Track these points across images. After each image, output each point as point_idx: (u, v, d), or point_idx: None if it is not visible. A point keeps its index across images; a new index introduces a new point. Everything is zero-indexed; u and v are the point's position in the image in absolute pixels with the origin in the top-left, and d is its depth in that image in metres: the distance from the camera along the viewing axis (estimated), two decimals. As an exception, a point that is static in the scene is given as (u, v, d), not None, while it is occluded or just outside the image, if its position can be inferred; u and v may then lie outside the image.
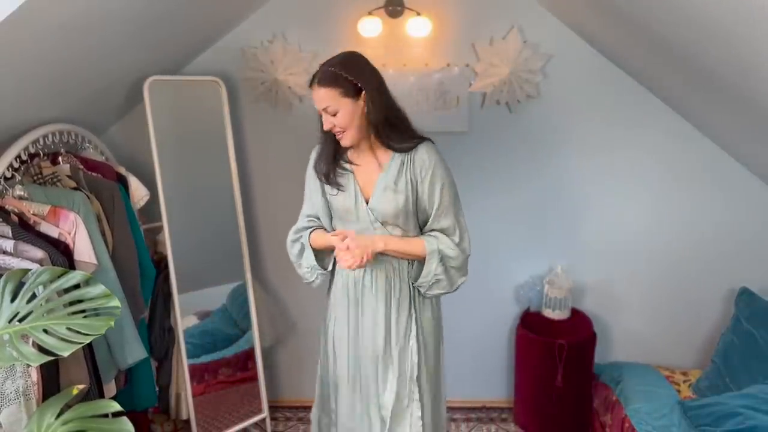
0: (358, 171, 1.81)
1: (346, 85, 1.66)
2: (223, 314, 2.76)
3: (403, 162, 1.75)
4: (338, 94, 1.66)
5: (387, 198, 1.75)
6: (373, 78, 1.71)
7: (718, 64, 1.87)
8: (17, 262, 1.67)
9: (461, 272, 1.82)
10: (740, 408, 2.13)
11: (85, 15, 1.65)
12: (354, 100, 1.67)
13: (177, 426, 2.74)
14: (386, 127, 1.73)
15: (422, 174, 1.74)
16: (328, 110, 1.68)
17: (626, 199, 2.77)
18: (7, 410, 1.56)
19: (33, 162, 2.09)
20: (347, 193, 1.80)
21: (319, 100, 1.69)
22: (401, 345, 1.84)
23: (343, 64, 1.68)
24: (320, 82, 1.67)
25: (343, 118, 1.68)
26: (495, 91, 2.65)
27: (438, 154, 1.77)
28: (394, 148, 1.75)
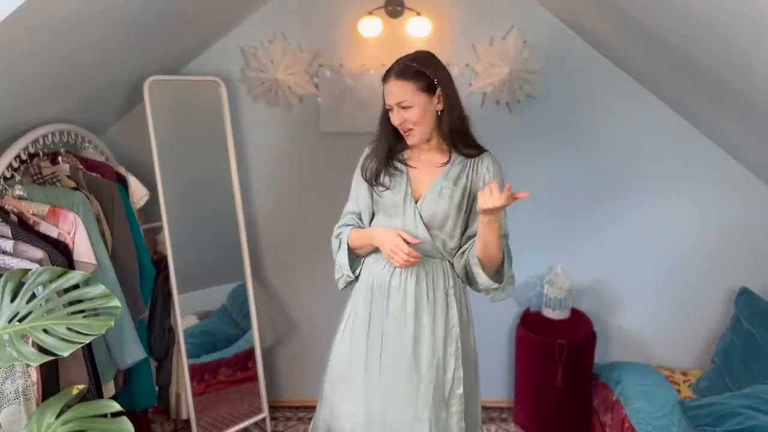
0: (413, 172, 1.79)
1: (422, 80, 1.65)
2: (223, 314, 2.76)
3: (464, 167, 1.75)
4: (415, 89, 1.65)
5: (439, 201, 1.73)
6: (448, 78, 1.71)
7: (717, 64, 1.87)
8: (17, 262, 1.67)
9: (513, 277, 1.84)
10: (740, 408, 2.13)
11: (85, 15, 1.65)
12: (429, 96, 1.67)
13: (177, 426, 2.74)
14: (457, 129, 1.72)
15: (486, 183, 1.72)
16: (403, 104, 1.67)
17: (626, 199, 2.76)
18: (7, 410, 1.56)
19: (33, 162, 2.09)
20: (398, 189, 1.77)
21: (393, 94, 1.67)
22: (439, 356, 1.74)
23: (421, 60, 1.69)
24: (397, 75, 1.67)
25: (417, 114, 1.67)
26: (495, 91, 2.65)
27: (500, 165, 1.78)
28: (460, 152, 1.75)
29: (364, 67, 2.65)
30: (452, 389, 1.77)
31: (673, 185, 2.73)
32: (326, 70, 2.66)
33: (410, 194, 1.76)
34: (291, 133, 2.77)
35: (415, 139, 1.72)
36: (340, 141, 2.76)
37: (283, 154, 2.80)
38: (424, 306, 1.75)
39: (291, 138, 2.77)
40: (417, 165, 1.79)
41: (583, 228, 2.82)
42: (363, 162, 1.86)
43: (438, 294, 1.76)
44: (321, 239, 2.56)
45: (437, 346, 1.75)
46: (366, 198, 1.85)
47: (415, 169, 1.79)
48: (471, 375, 1.86)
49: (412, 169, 1.79)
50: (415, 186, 1.78)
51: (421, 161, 1.79)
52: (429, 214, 1.74)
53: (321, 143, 2.77)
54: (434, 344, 1.75)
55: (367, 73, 2.65)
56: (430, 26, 2.55)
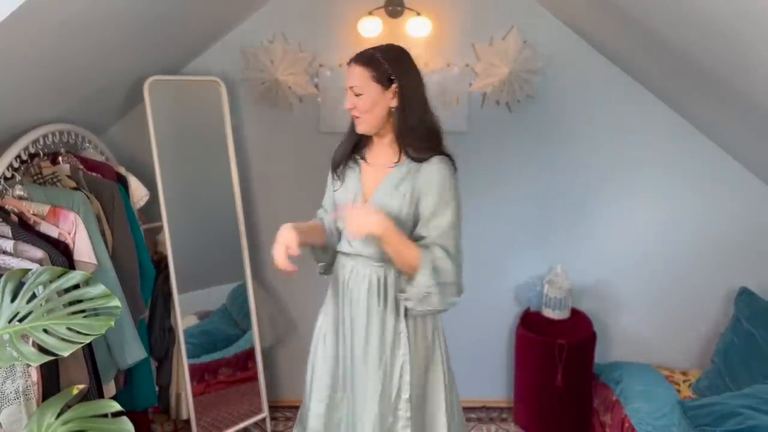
0: (366, 169, 1.75)
1: (380, 70, 1.62)
2: (223, 314, 2.76)
3: (409, 171, 1.67)
4: (369, 77, 1.63)
5: (385, 205, 1.67)
6: (412, 77, 1.66)
7: (717, 64, 1.87)
8: (17, 262, 1.67)
9: (455, 289, 1.68)
10: (740, 408, 2.13)
11: (85, 15, 1.65)
12: (383, 87, 1.63)
13: (177, 426, 2.74)
14: (408, 131, 1.66)
15: (429, 189, 1.64)
16: (354, 89, 1.65)
17: (626, 199, 2.77)
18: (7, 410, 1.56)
19: (33, 162, 2.09)
20: (348, 189, 1.76)
21: (349, 77, 1.66)
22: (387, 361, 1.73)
23: (385, 51, 1.66)
24: (357, 60, 1.66)
25: (366, 103, 1.64)
26: (495, 91, 2.65)
27: (450, 171, 1.67)
28: (408, 154, 1.67)
29: (364, 67, 2.64)
30: (399, 394, 1.75)
31: (672, 185, 2.73)
32: (326, 70, 2.66)
33: (360, 194, 1.73)
34: (291, 133, 2.77)
35: (361, 128, 1.69)
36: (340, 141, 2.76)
37: (283, 154, 2.80)
38: (375, 309, 1.73)
39: (291, 138, 2.77)
40: (372, 162, 1.75)
41: (583, 228, 2.82)
42: (334, 153, 1.84)
43: (389, 298, 1.73)
44: (321, 239, 2.56)
45: (385, 350, 1.74)
46: (329, 193, 1.85)
47: (370, 167, 1.75)
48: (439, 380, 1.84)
49: (367, 166, 1.75)
50: (367, 186, 1.74)
51: (376, 159, 1.75)
52: None
53: (321, 143, 2.77)
54: (382, 348, 1.74)
55: (367, 73, 2.64)
56: (430, 26, 2.55)
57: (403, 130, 1.66)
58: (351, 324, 1.77)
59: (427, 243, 1.64)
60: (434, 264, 1.61)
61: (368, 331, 1.74)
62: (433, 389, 1.83)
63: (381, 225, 1.57)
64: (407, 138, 1.67)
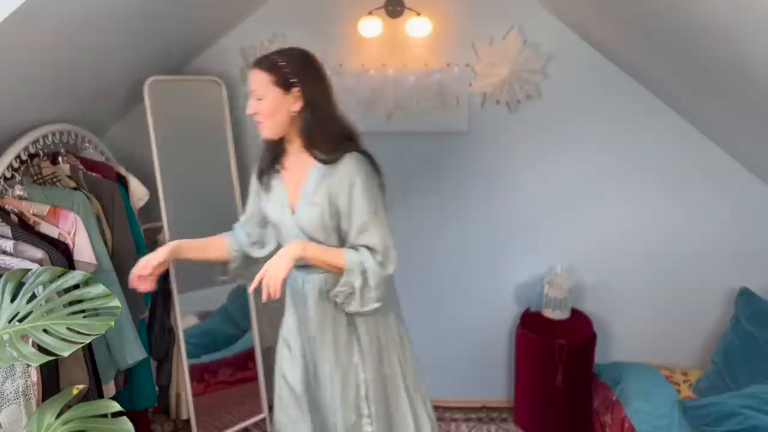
0: (288, 178, 1.74)
1: (280, 74, 1.60)
2: (223, 314, 2.76)
3: (323, 175, 1.66)
4: (269, 82, 1.61)
5: (308, 216, 1.67)
6: (314, 80, 1.64)
7: (717, 64, 1.87)
8: (17, 262, 1.67)
9: (378, 292, 1.66)
10: (740, 408, 2.13)
11: (85, 15, 1.65)
12: (284, 92, 1.61)
13: (177, 426, 2.74)
14: (314, 134, 1.65)
15: (341, 188, 1.64)
16: (255, 94, 1.63)
17: (626, 199, 2.76)
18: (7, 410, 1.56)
19: (33, 162, 2.09)
20: (276, 202, 1.74)
21: (251, 82, 1.64)
22: (343, 361, 1.77)
23: (287, 55, 1.64)
24: (257, 64, 1.63)
25: (266, 107, 1.62)
26: (495, 91, 2.65)
27: (363, 166, 1.66)
28: (317, 158, 1.67)
29: (364, 67, 2.65)
30: (357, 392, 1.78)
31: (672, 185, 2.73)
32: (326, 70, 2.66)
33: (287, 206, 1.72)
34: (291, 133, 2.77)
35: (265, 133, 1.67)
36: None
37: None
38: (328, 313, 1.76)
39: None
40: (291, 170, 1.74)
41: (583, 228, 2.82)
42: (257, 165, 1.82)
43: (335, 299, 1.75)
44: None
45: (340, 351, 1.78)
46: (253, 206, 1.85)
47: (291, 176, 1.73)
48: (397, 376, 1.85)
49: (288, 175, 1.74)
50: (291, 196, 1.73)
51: (293, 166, 1.73)
52: (303, 226, 1.69)
53: (321, 143, 2.77)
54: (337, 349, 1.78)
55: (367, 73, 2.65)
56: (430, 26, 2.55)
57: (308, 133, 1.66)
58: (307, 328, 1.81)
59: (353, 243, 1.67)
60: (361, 266, 1.63)
61: (324, 334, 1.78)
62: (394, 386, 1.86)
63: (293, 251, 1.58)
64: (314, 141, 1.67)
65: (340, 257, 1.64)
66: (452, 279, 2.92)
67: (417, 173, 2.81)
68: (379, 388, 1.82)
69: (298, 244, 1.61)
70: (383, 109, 2.68)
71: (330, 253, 1.65)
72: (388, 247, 1.67)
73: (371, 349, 1.80)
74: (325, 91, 1.67)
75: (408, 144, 2.76)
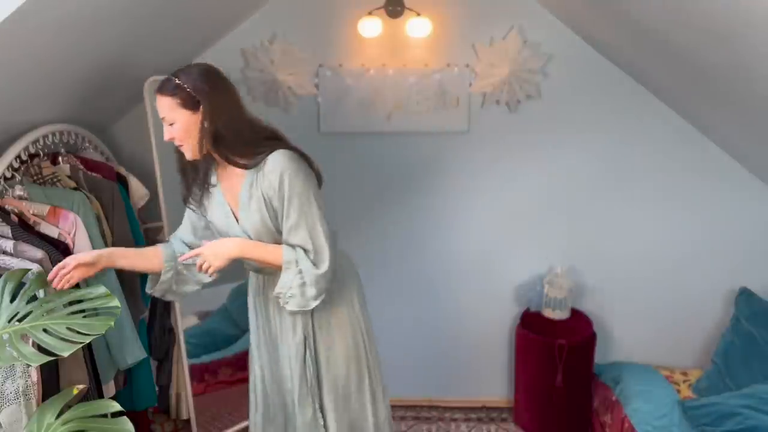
0: (225, 187, 1.75)
1: (183, 96, 1.60)
2: (223, 314, 2.76)
3: (253, 180, 1.67)
4: (175, 105, 1.60)
5: (251, 222, 1.69)
6: (217, 94, 1.63)
7: (717, 64, 1.87)
8: (17, 262, 1.67)
9: (316, 289, 1.67)
10: (740, 408, 2.13)
11: (85, 15, 1.65)
12: (192, 112, 1.61)
13: (177, 426, 2.74)
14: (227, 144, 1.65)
15: (272, 189, 1.64)
16: (165, 120, 1.63)
17: (626, 199, 2.76)
18: (7, 410, 1.56)
19: (33, 162, 2.09)
20: (220, 212, 1.75)
21: (158, 110, 1.64)
22: (300, 359, 1.81)
23: (186, 75, 1.62)
24: (159, 90, 1.62)
25: (180, 131, 1.62)
26: (495, 91, 2.65)
27: (289, 162, 1.64)
28: (239, 165, 1.67)
29: (364, 67, 2.65)
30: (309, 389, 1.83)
31: (672, 185, 2.73)
32: (326, 70, 2.66)
33: (231, 215, 1.74)
34: (291, 133, 2.74)
35: (188, 155, 1.67)
36: (340, 141, 2.76)
37: (283, 154, 2.79)
38: (285, 312, 1.79)
39: (291, 138, 2.76)
40: (226, 179, 1.74)
41: (583, 228, 2.82)
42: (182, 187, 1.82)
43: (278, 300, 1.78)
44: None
45: (299, 348, 1.81)
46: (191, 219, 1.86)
47: (228, 189, 1.75)
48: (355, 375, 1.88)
49: (225, 189, 1.75)
50: (231, 203, 1.74)
51: (228, 175, 1.74)
52: (251, 232, 1.70)
53: (321, 143, 2.77)
54: (297, 346, 1.81)
55: (367, 73, 2.65)
56: (430, 26, 2.55)
57: (222, 146, 1.66)
58: (270, 327, 1.87)
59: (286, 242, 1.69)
60: (297, 265, 1.65)
61: (284, 333, 1.83)
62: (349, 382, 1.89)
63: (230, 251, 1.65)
64: (230, 152, 1.67)
65: (277, 255, 1.67)
66: (452, 279, 2.91)
67: (417, 173, 2.81)
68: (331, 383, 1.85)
69: (235, 245, 1.67)
70: (383, 109, 2.69)
71: (268, 253, 1.68)
72: (319, 246, 1.66)
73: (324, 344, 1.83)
74: (231, 101, 1.66)
75: (408, 144, 2.76)
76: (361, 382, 1.89)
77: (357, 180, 2.82)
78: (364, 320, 1.91)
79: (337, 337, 1.84)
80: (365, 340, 1.90)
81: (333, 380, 1.85)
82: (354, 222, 2.87)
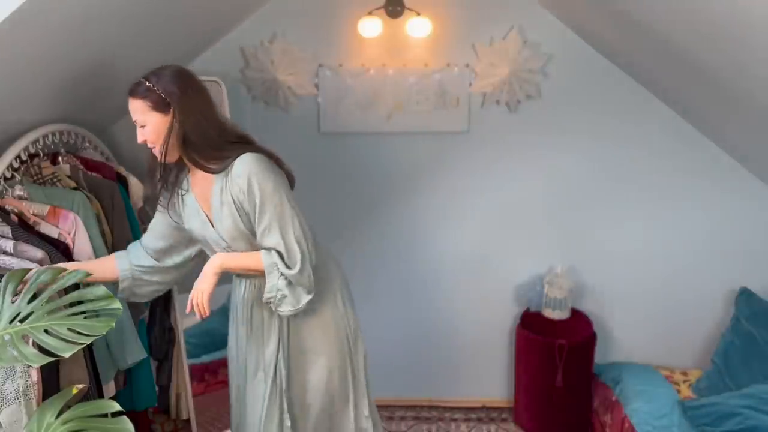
0: (198, 193, 1.74)
1: (155, 98, 1.60)
2: (222, 314, 2.76)
3: (222, 185, 1.66)
4: (146, 108, 1.61)
5: (224, 227, 1.69)
6: (188, 96, 1.62)
7: (717, 64, 1.87)
8: (17, 262, 1.67)
9: (302, 287, 1.69)
10: (740, 408, 2.13)
11: (85, 15, 1.65)
12: (163, 114, 1.61)
13: (177, 426, 2.74)
14: (196, 148, 1.64)
15: (242, 193, 1.63)
16: (138, 123, 1.63)
17: (626, 199, 2.77)
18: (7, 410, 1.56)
19: (33, 162, 2.08)
20: (196, 218, 1.74)
21: (131, 112, 1.64)
22: (272, 360, 1.82)
23: (157, 77, 1.62)
24: (131, 93, 1.62)
25: (151, 133, 1.63)
26: (495, 91, 2.65)
27: (256, 164, 1.63)
28: (208, 170, 1.66)
29: (364, 67, 2.65)
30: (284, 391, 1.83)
31: (672, 185, 2.73)
32: (326, 70, 2.66)
33: (206, 221, 1.73)
34: (291, 133, 2.77)
35: (160, 157, 1.66)
36: (340, 141, 2.76)
37: (282, 154, 2.77)
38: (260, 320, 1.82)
39: (291, 138, 2.77)
40: (199, 184, 1.74)
41: (583, 228, 2.82)
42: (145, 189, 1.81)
43: (266, 307, 1.78)
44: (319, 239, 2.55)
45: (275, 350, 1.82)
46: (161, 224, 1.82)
47: (199, 190, 1.74)
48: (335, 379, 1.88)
49: (197, 189, 1.74)
50: (205, 209, 1.73)
51: (199, 180, 1.73)
52: (227, 237, 1.70)
53: (321, 143, 2.77)
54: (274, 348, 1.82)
55: (367, 73, 2.65)
56: (430, 26, 2.55)
57: (189, 149, 1.65)
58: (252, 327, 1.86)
59: (260, 245, 1.69)
60: (276, 268, 1.66)
61: (267, 336, 1.82)
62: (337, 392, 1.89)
63: (212, 267, 1.66)
64: (198, 155, 1.66)
65: (258, 261, 1.68)
66: (452, 279, 2.92)
67: (417, 173, 2.81)
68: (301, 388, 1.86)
69: (215, 260, 1.68)
70: (383, 109, 2.69)
71: (249, 260, 1.69)
72: (291, 247, 1.66)
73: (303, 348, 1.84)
74: (202, 105, 1.65)
75: (408, 144, 2.76)
76: (343, 389, 1.89)
77: (357, 180, 2.82)
78: (351, 320, 1.91)
79: (319, 341, 1.84)
80: (350, 343, 1.89)
81: (313, 389, 1.85)
82: (354, 222, 2.87)
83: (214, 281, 1.67)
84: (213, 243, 1.75)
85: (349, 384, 1.90)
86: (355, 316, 1.93)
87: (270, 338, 1.82)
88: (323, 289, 1.83)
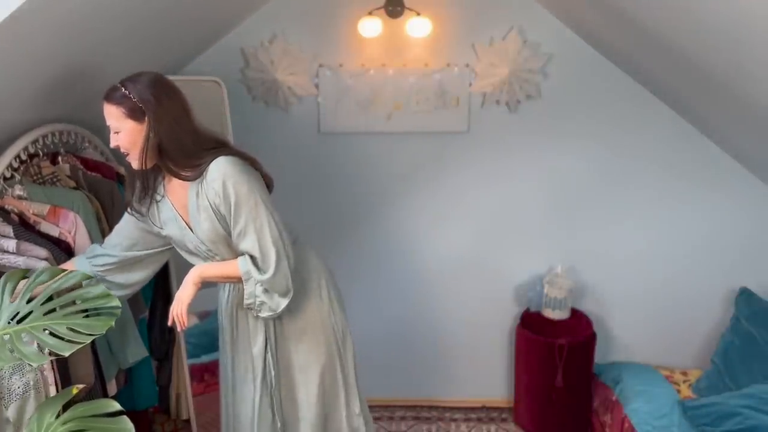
0: (174, 199, 1.73)
1: (130, 105, 1.58)
2: (223, 314, 2.76)
3: (198, 191, 1.66)
4: (121, 114, 1.59)
5: (202, 232, 1.69)
6: (163, 104, 1.60)
7: (717, 64, 1.87)
8: (23, 260, 1.68)
9: (279, 291, 1.69)
10: (740, 408, 2.13)
11: (85, 15, 1.65)
12: (137, 122, 1.59)
13: (177, 426, 2.74)
14: (170, 156, 1.63)
15: (217, 197, 1.62)
16: (111, 128, 1.61)
17: (626, 199, 2.77)
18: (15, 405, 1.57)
19: (33, 162, 2.08)
20: (174, 224, 1.73)
21: (105, 117, 1.62)
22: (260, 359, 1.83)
23: (133, 84, 1.60)
24: (106, 98, 1.61)
25: (125, 140, 1.61)
26: (495, 91, 2.65)
27: (231, 167, 1.62)
28: (183, 177, 1.66)
29: (364, 67, 2.65)
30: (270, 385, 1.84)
31: (672, 185, 2.73)
32: (326, 70, 2.66)
33: (185, 227, 1.72)
34: (291, 133, 2.77)
35: (134, 164, 1.65)
36: (340, 141, 2.76)
37: (283, 154, 2.80)
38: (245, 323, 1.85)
39: (291, 138, 2.77)
40: (174, 191, 1.73)
41: (583, 228, 2.82)
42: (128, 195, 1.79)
43: (250, 312, 1.78)
44: (320, 239, 2.56)
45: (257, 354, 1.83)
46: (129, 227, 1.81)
47: (176, 196, 1.73)
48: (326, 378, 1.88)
49: (173, 196, 1.73)
50: (183, 214, 1.73)
51: (175, 186, 1.73)
52: (207, 241, 1.70)
53: (321, 143, 2.77)
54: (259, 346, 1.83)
55: (367, 73, 2.65)
56: (430, 26, 2.55)
57: (164, 157, 1.64)
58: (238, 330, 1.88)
59: (239, 249, 1.69)
60: (250, 274, 1.67)
61: (254, 337, 1.84)
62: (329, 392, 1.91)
63: (191, 279, 1.68)
64: (173, 163, 1.65)
65: (235, 268, 1.68)
66: (452, 279, 2.92)
67: (417, 173, 2.81)
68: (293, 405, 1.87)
69: (195, 270, 1.69)
70: (383, 109, 2.69)
71: (227, 268, 1.70)
72: (266, 251, 1.65)
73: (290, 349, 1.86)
74: (178, 113, 1.64)
75: (408, 144, 2.76)
76: (335, 391, 1.89)
77: (357, 180, 2.82)
78: (338, 318, 1.90)
79: (307, 353, 1.85)
80: (339, 342, 1.89)
81: (305, 403, 1.86)
82: (354, 222, 2.87)
83: (194, 291, 1.68)
84: (192, 246, 1.74)
85: (340, 384, 1.90)
86: (342, 314, 1.92)
87: (257, 339, 1.83)
88: (307, 288, 1.84)
